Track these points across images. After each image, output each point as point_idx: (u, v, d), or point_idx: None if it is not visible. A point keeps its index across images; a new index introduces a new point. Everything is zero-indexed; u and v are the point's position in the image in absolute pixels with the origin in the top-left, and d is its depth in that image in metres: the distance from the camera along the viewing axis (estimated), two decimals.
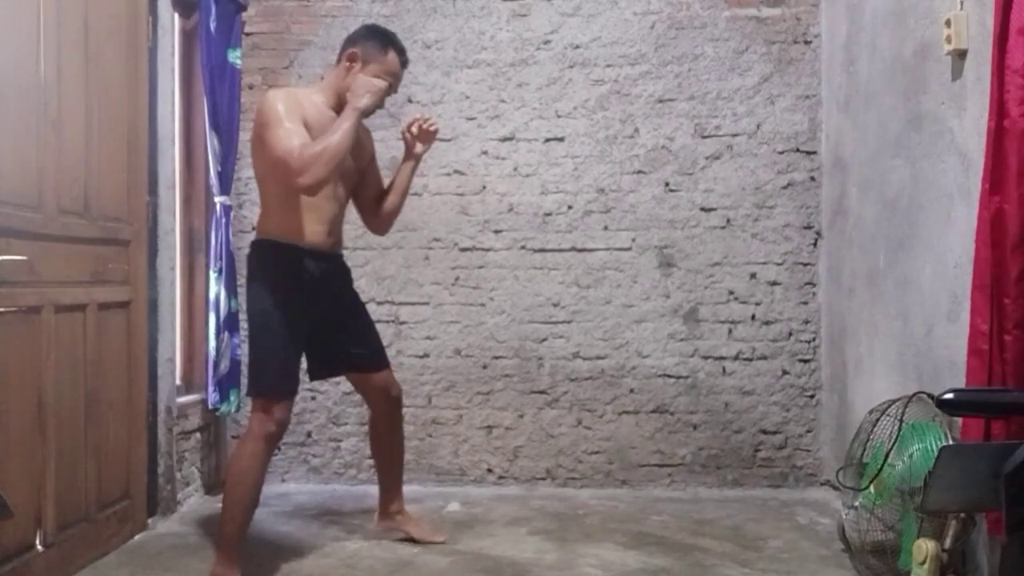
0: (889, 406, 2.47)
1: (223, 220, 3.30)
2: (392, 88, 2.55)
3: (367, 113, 2.43)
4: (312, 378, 2.76)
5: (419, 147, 2.71)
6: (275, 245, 2.46)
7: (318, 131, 2.35)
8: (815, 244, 3.57)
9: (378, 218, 2.76)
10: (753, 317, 3.57)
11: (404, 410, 3.59)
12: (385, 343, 3.57)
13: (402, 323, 3.61)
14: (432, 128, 2.69)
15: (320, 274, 2.50)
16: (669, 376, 3.58)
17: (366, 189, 2.72)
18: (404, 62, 2.58)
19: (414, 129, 2.69)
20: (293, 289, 2.44)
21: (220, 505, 2.49)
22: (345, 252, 3.59)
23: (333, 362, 2.68)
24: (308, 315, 2.48)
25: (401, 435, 2.86)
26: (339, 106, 2.46)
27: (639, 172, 3.60)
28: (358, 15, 3.63)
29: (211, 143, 3.25)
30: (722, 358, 3.57)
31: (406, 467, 3.60)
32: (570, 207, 3.60)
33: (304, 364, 2.64)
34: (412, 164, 2.73)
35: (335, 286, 2.60)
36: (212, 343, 3.29)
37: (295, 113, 2.35)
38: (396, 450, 2.84)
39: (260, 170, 2.47)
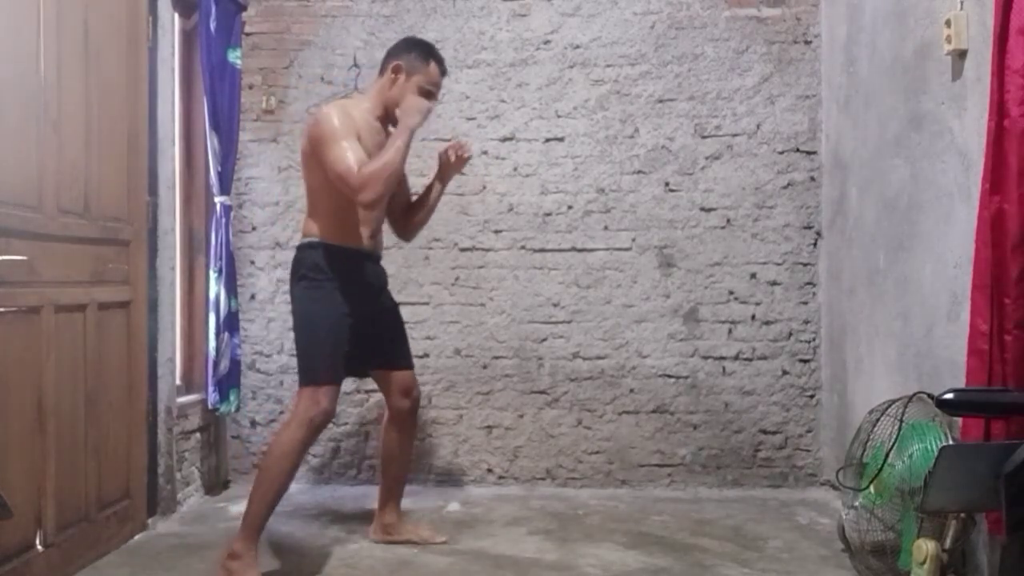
0: (889, 406, 2.47)
1: (223, 220, 3.30)
2: (434, 98, 2.65)
3: (416, 129, 2.52)
4: (347, 375, 2.72)
5: (452, 171, 2.84)
6: (332, 248, 2.54)
7: (368, 142, 2.48)
8: (815, 244, 3.57)
9: (407, 228, 2.89)
10: (753, 317, 3.57)
11: None
12: None
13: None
14: (467, 156, 2.80)
15: (370, 275, 2.65)
16: (669, 376, 3.58)
17: (398, 198, 2.79)
18: (444, 71, 2.68)
19: (451, 154, 2.78)
20: (348, 288, 2.53)
21: (224, 504, 2.49)
22: None
23: (365, 358, 2.70)
24: (357, 312, 2.56)
25: (412, 443, 2.89)
26: (385, 116, 2.61)
27: (639, 172, 3.60)
28: (358, 15, 3.64)
29: (211, 143, 3.25)
30: (722, 358, 3.57)
31: None
32: (570, 207, 3.61)
33: None
34: (442, 184, 2.86)
35: (379, 286, 2.73)
36: (212, 343, 3.29)
37: (350, 129, 2.45)
38: (405, 458, 2.84)
39: (314, 182, 2.55)
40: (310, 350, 2.53)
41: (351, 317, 2.54)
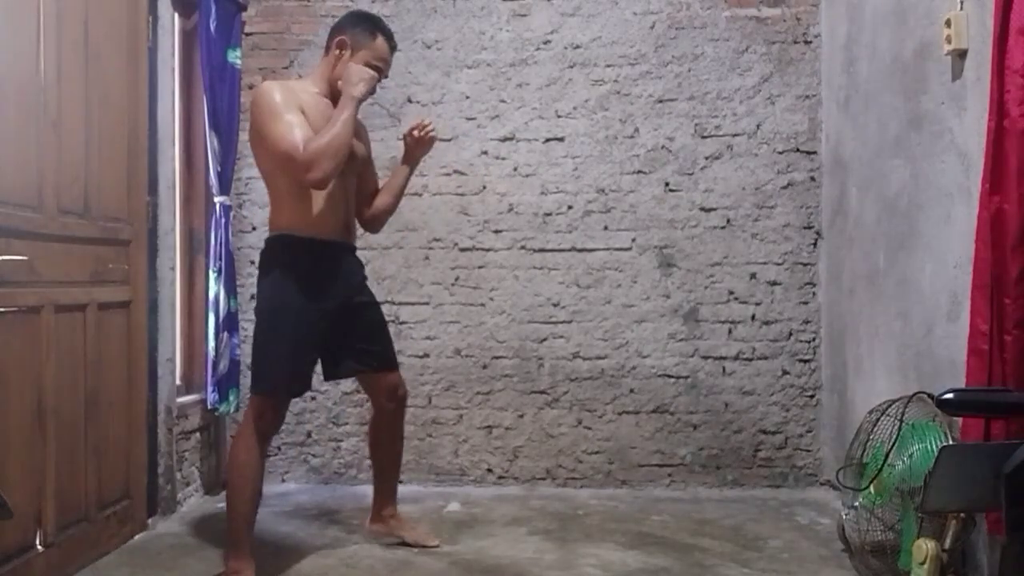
0: (889, 406, 2.47)
1: (223, 220, 3.30)
2: (383, 73, 2.53)
3: (362, 100, 2.41)
4: (327, 378, 2.73)
5: (417, 152, 2.73)
6: (289, 239, 2.43)
7: (315, 120, 2.34)
8: (815, 244, 3.57)
9: (371, 216, 2.75)
10: (753, 317, 3.57)
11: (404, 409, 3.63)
12: None
13: (402, 323, 3.61)
14: (429, 136, 2.69)
15: (334, 266, 2.49)
16: (669, 376, 3.58)
17: (363, 184, 2.70)
18: (392, 46, 2.56)
19: (415, 134, 2.70)
20: (307, 283, 2.40)
21: (224, 504, 2.48)
22: None
23: (345, 361, 2.63)
24: (322, 310, 2.44)
25: (401, 438, 2.83)
26: (333, 95, 2.45)
27: (639, 172, 3.60)
28: None
29: (211, 143, 3.25)
30: (722, 358, 3.57)
31: (406, 467, 3.61)
32: (570, 207, 3.60)
33: (319, 367, 2.65)
34: (409, 168, 2.75)
35: (349, 279, 2.57)
36: (212, 343, 3.29)
37: (292, 104, 2.32)
38: (395, 452, 2.81)
39: (265, 166, 2.45)
40: (265, 354, 2.40)
41: (320, 315, 2.42)
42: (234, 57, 3.38)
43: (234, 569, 2.39)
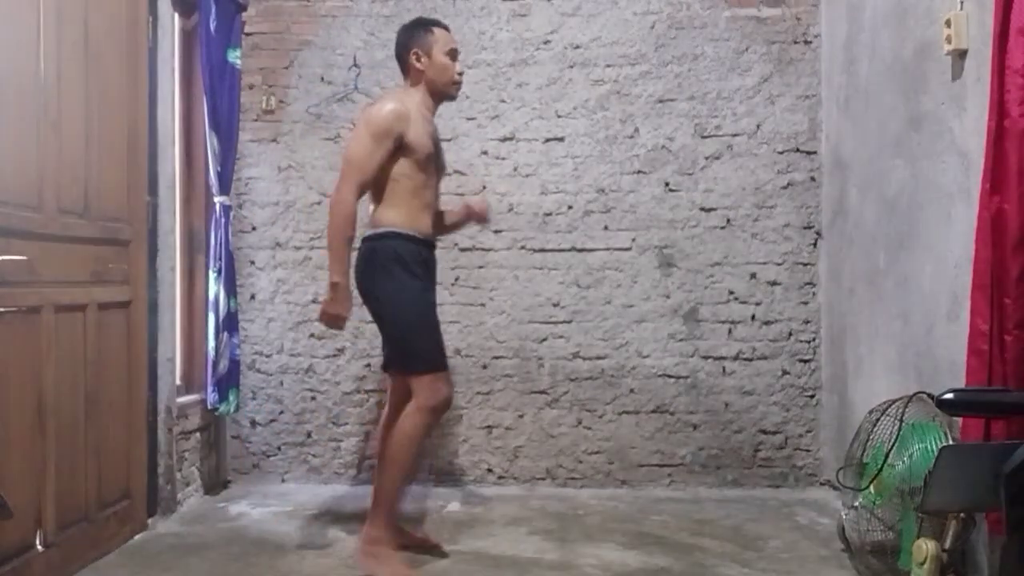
0: (889, 406, 2.47)
1: (223, 220, 3.30)
2: (455, 54, 2.69)
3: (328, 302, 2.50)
4: (385, 369, 2.75)
5: (467, 223, 2.95)
6: (401, 235, 2.57)
7: (421, 132, 2.55)
8: (815, 244, 3.57)
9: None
10: (753, 317, 3.57)
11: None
12: None
13: None
14: (486, 221, 2.97)
15: (429, 260, 2.67)
16: (669, 376, 3.58)
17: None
18: (446, 27, 2.72)
19: (476, 210, 2.87)
20: (419, 272, 2.58)
21: (224, 504, 2.48)
22: None
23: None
24: (431, 297, 2.65)
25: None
26: (433, 94, 2.68)
27: (639, 172, 3.60)
28: (358, 15, 3.64)
29: (211, 143, 3.25)
30: (722, 358, 3.57)
31: None
32: (570, 207, 3.60)
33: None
34: (454, 230, 2.99)
35: (434, 273, 2.74)
36: (212, 343, 3.29)
37: (387, 138, 2.50)
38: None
39: (388, 166, 2.55)
40: (417, 336, 2.54)
41: (432, 304, 2.64)
42: (234, 57, 3.38)
43: (377, 539, 2.49)
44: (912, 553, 2.17)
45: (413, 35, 2.67)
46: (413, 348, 2.54)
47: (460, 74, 2.69)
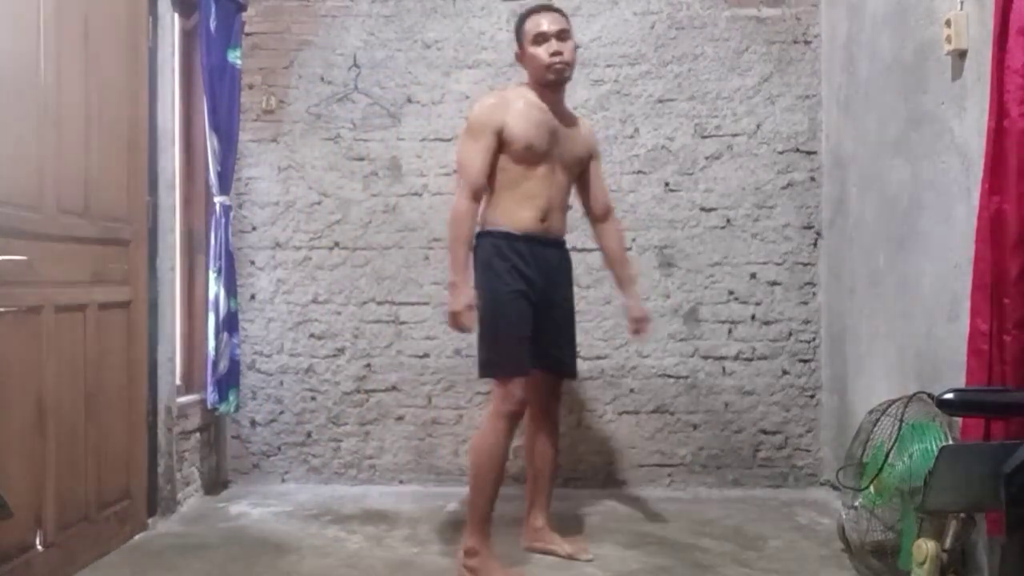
0: (889, 406, 2.47)
1: (223, 220, 3.30)
2: (548, 37, 2.54)
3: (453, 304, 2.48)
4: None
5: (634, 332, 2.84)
6: (494, 234, 2.54)
7: (530, 124, 2.50)
8: (815, 244, 3.57)
9: (596, 232, 2.88)
10: (753, 317, 3.57)
11: (404, 410, 3.63)
12: (385, 343, 3.61)
13: (402, 323, 3.61)
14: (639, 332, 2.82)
15: (531, 257, 2.53)
16: (669, 376, 3.58)
17: (583, 187, 2.79)
18: (541, 8, 2.62)
19: (633, 328, 2.81)
20: (509, 272, 2.50)
21: (224, 504, 2.48)
22: (346, 251, 3.63)
23: (535, 353, 2.58)
24: (527, 296, 2.52)
25: (555, 443, 2.82)
26: (539, 86, 2.58)
27: (639, 172, 3.60)
28: (358, 15, 3.64)
29: (211, 143, 3.25)
30: (722, 358, 3.57)
31: (406, 467, 3.62)
32: (570, 207, 3.59)
33: None
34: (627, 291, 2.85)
35: (547, 270, 2.58)
36: (212, 343, 3.29)
37: (484, 133, 2.50)
38: (548, 457, 2.80)
39: (497, 164, 2.55)
40: (489, 340, 2.51)
41: (527, 300, 2.52)
42: (234, 57, 3.38)
43: (471, 551, 2.46)
44: (912, 553, 2.17)
45: (516, 32, 2.65)
46: (482, 351, 2.53)
47: (553, 54, 2.52)
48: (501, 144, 2.50)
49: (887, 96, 2.89)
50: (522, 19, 2.62)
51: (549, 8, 2.62)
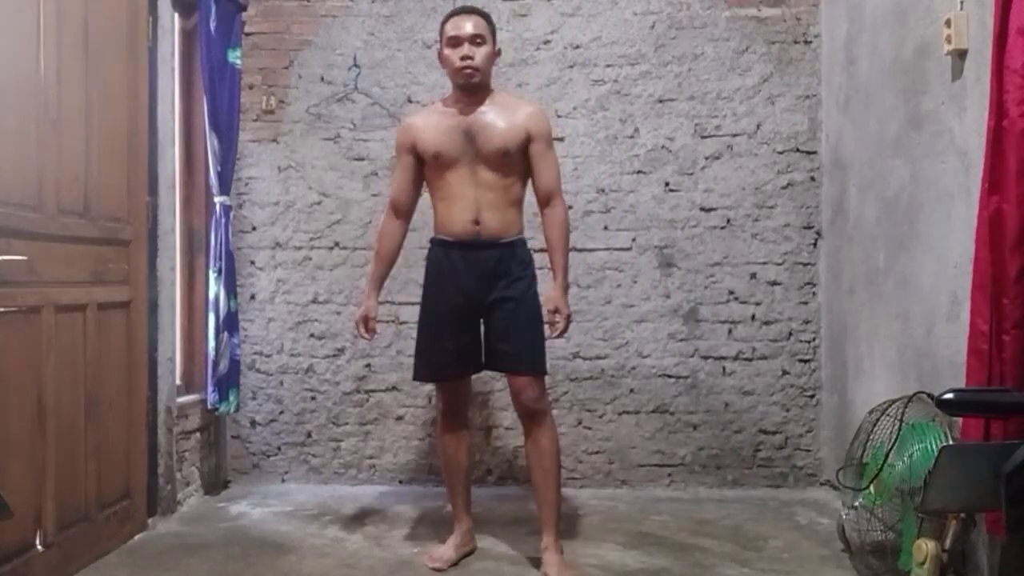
0: (889, 406, 2.47)
1: (223, 220, 3.30)
2: (458, 42, 2.52)
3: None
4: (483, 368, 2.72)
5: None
6: (433, 242, 2.66)
7: (434, 137, 2.56)
8: (815, 244, 3.57)
9: (541, 218, 2.68)
10: (753, 317, 3.57)
11: (404, 410, 3.63)
12: (385, 343, 3.61)
13: (402, 323, 3.61)
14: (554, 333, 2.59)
15: (464, 263, 2.56)
16: (669, 376, 3.58)
17: (533, 178, 2.64)
18: (460, 10, 2.61)
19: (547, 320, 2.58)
20: (436, 283, 2.63)
21: (224, 504, 2.47)
22: (346, 251, 3.63)
23: (485, 356, 2.63)
24: (453, 304, 2.58)
25: (547, 456, 2.56)
26: (456, 88, 2.59)
27: (639, 172, 3.60)
28: (358, 15, 3.64)
29: (211, 143, 3.25)
30: (722, 358, 3.57)
31: (406, 467, 3.62)
32: (570, 207, 3.58)
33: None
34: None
35: (483, 273, 2.53)
36: (212, 343, 3.29)
37: (400, 151, 2.68)
38: (538, 471, 2.57)
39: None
40: (417, 347, 2.72)
41: (452, 309, 2.61)
42: (234, 57, 3.38)
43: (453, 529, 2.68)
44: (912, 553, 2.17)
45: (439, 32, 2.63)
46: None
47: (463, 58, 2.50)
48: (421, 159, 2.60)
49: (887, 96, 2.89)
50: (444, 20, 2.61)
51: (470, 11, 2.60)
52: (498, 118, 2.55)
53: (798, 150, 3.57)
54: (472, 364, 2.64)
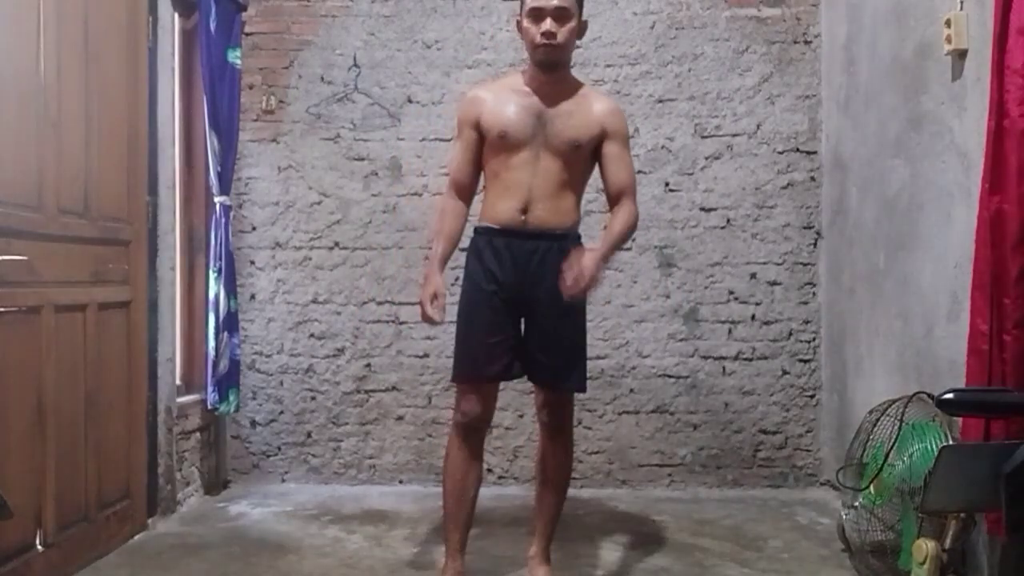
0: (889, 406, 2.47)
1: (223, 220, 3.30)
2: (541, 13, 2.25)
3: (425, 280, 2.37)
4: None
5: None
6: (477, 230, 2.40)
7: (502, 115, 2.32)
8: (815, 244, 3.57)
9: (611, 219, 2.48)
10: (753, 317, 3.57)
11: (404, 410, 3.63)
12: (385, 343, 3.61)
13: (402, 323, 3.61)
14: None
15: (508, 253, 2.31)
16: (669, 376, 3.58)
17: (602, 171, 2.43)
18: None
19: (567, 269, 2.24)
20: (479, 272, 2.35)
21: (224, 504, 2.46)
22: (346, 251, 3.63)
23: (522, 360, 2.36)
24: (497, 298, 2.31)
25: (562, 470, 2.44)
26: (534, 64, 2.34)
27: (639, 172, 3.58)
28: (358, 15, 3.64)
29: (211, 143, 3.25)
30: (722, 358, 3.57)
31: (406, 467, 3.62)
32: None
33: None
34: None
35: (525, 266, 2.31)
36: (212, 343, 3.29)
37: (463, 125, 2.42)
38: (548, 483, 2.44)
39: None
40: (455, 344, 2.38)
41: (495, 299, 2.36)
42: (234, 57, 3.38)
43: (441, 570, 2.38)
44: (912, 553, 2.17)
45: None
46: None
47: (543, 34, 2.24)
48: (482, 137, 2.34)
49: (887, 96, 2.89)
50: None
51: None
52: (575, 108, 2.33)
53: (798, 150, 3.57)
54: (515, 365, 2.33)
